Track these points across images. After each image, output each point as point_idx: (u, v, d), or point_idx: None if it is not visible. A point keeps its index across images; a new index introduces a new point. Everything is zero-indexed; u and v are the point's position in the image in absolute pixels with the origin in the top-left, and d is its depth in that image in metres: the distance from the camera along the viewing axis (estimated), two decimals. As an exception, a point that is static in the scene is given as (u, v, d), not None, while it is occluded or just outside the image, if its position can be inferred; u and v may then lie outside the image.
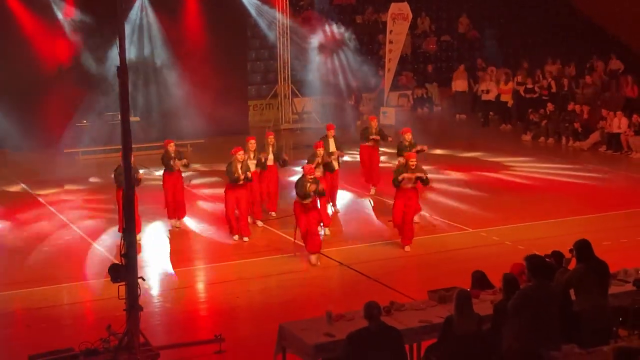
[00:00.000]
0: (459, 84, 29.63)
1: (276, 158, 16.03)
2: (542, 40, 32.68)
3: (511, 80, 27.65)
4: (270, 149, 15.97)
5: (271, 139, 16.16)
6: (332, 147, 16.44)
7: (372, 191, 17.94)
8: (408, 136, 16.44)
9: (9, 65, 22.47)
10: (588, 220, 16.02)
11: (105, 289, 11.44)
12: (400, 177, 14.12)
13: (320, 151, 15.35)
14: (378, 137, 17.75)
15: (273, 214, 16.30)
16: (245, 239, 14.83)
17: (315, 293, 12.77)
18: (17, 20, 22.68)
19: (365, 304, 8.02)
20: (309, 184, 13.59)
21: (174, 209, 15.67)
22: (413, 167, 14.14)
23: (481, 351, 7.97)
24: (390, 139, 17.88)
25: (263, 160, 15.58)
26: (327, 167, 15.60)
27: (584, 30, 33.57)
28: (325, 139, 16.52)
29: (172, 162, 15.39)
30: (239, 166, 14.55)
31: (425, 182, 14.31)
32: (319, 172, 14.80)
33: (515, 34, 33.38)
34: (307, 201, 13.66)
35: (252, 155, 15.28)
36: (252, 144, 15.42)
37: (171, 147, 15.47)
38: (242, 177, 14.51)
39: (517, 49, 32.44)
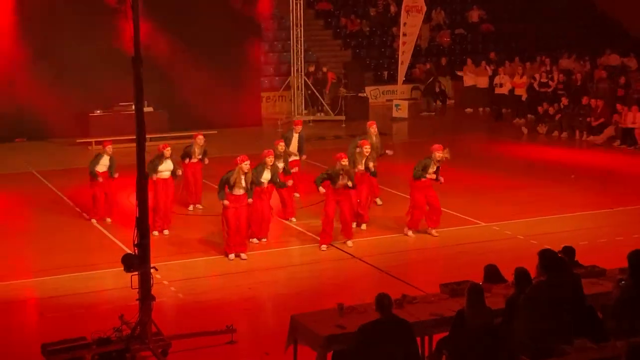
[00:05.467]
0: (469, 79, 29.50)
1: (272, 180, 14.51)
2: (558, 34, 32.56)
3: (525, 74, 27.54)
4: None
5: (271, 159, 14.17)
6: (295, 143, 16.35)
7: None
8: (374, 129, 16.20)
9: (23, 57, 22.59)
10: (601, 215, 15.96)
11: (118, 279, 11.47)
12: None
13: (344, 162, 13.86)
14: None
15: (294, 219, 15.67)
16: (243, 255, 13.61)
17: (326, 285, 12.78)
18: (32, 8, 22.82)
19: (377, 296, 8.01)
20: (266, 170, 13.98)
21: (161, 217, 14.85)
22: (367, 154, 14.61)
23: (493, 345, 7.95)
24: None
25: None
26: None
27: (600, 24, 33.44)
28: (290, 133, 16.53)
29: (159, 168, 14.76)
30: (242, 178, 13.33)
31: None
32: (344, 183, 13.74)
33: (531, 27, 33.27)
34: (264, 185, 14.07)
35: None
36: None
37: (167, 152, 14.82)
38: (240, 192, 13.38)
39: (532, 42, 32.33)
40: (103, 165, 15.43)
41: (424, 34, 31.69)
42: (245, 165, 13.32)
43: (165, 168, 14.90)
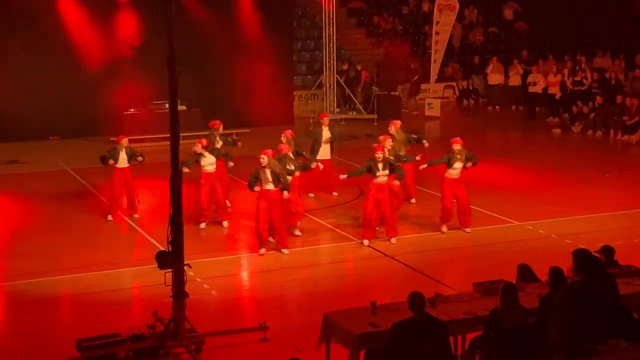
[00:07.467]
0: (494, 77, 29.23)
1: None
2: (592, 32, 32.24)
3: (559, 73, 27.29)
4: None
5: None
6: (326, 135, 16.61)
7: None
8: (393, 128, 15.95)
9: (58, 56, 22.81)
10: (636, 215, 15.78)
11: (152, 276, 11.56)
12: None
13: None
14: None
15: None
16: (285, 251, 13.73)
17: (359, 283, 12.79)
18: (68, 7, 23.02)
19: (410, 295, 8.00)
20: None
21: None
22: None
23: (526, 344, 7.91)
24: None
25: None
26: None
27: (635, 22, 33.03)
28: (318, 125, 16.73)
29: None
30: (268, 172, 13.30)
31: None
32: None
33: (565, 25, 32.98)
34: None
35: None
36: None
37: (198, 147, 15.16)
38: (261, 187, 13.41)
39: (566, 40, 32.04)
40: (122, 160, 15.39)
41: (457, 33, 31.53)
42: (263, 160, 13.27)
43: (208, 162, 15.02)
